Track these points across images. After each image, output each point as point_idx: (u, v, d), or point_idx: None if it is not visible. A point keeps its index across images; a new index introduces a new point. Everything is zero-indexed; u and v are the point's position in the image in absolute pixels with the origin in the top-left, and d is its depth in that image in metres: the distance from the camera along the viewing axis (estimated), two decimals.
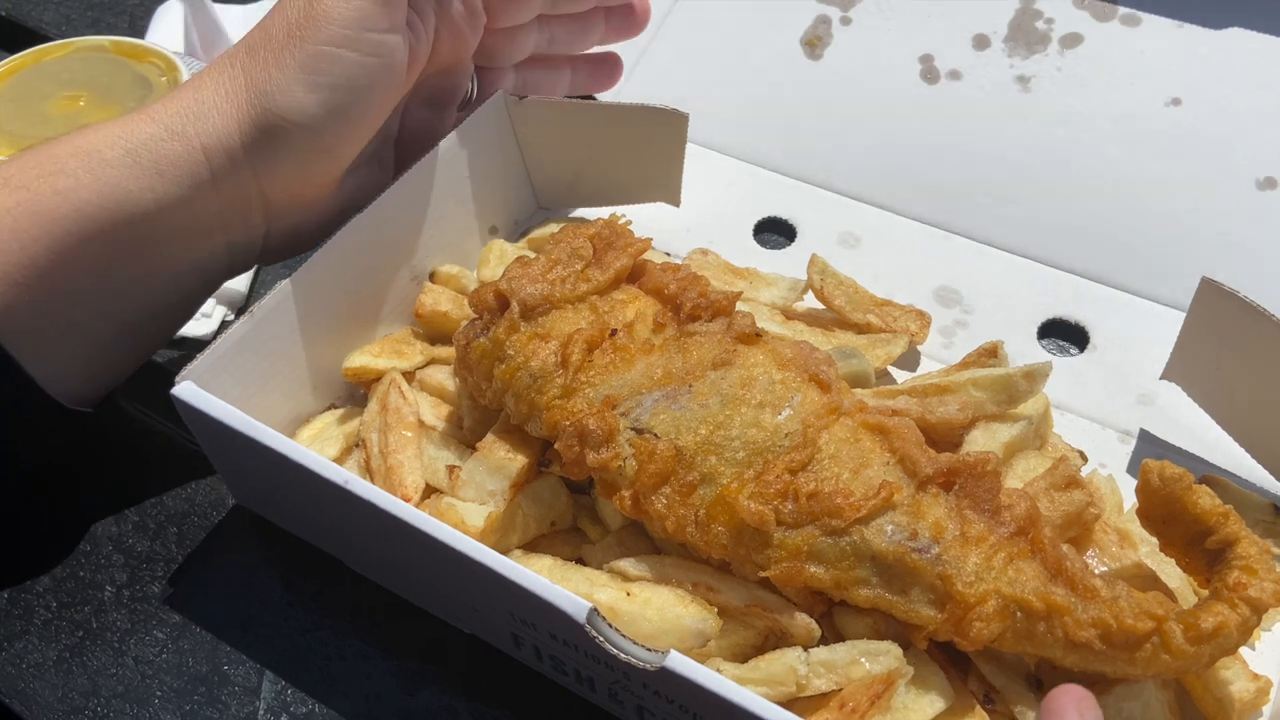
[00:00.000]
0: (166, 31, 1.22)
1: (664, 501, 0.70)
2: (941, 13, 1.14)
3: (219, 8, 1.26)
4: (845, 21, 1.14)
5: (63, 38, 1.12)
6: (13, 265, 0.72)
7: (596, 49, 1.07)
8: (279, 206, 0.82)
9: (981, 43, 1.09)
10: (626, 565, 0.71)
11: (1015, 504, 0.69)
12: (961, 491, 0.69)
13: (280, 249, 0.84)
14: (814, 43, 1.09)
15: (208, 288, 0.84)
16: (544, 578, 0.64)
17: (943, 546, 0.67)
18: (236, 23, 1.23)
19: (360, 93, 0.79)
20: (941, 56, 1.11)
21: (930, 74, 1.08)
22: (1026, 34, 1.09)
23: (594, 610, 0.63)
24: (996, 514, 0.68)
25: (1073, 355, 0.92)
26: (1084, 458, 0.82)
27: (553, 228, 0.98)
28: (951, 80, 1.09)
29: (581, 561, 0.76)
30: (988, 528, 0.68)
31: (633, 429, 0.72)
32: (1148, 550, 0.74)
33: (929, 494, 0.69)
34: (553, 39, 1.01)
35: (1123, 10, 1.11)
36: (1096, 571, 0.69)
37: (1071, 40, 1.09)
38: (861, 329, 0.90)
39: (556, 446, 0.73)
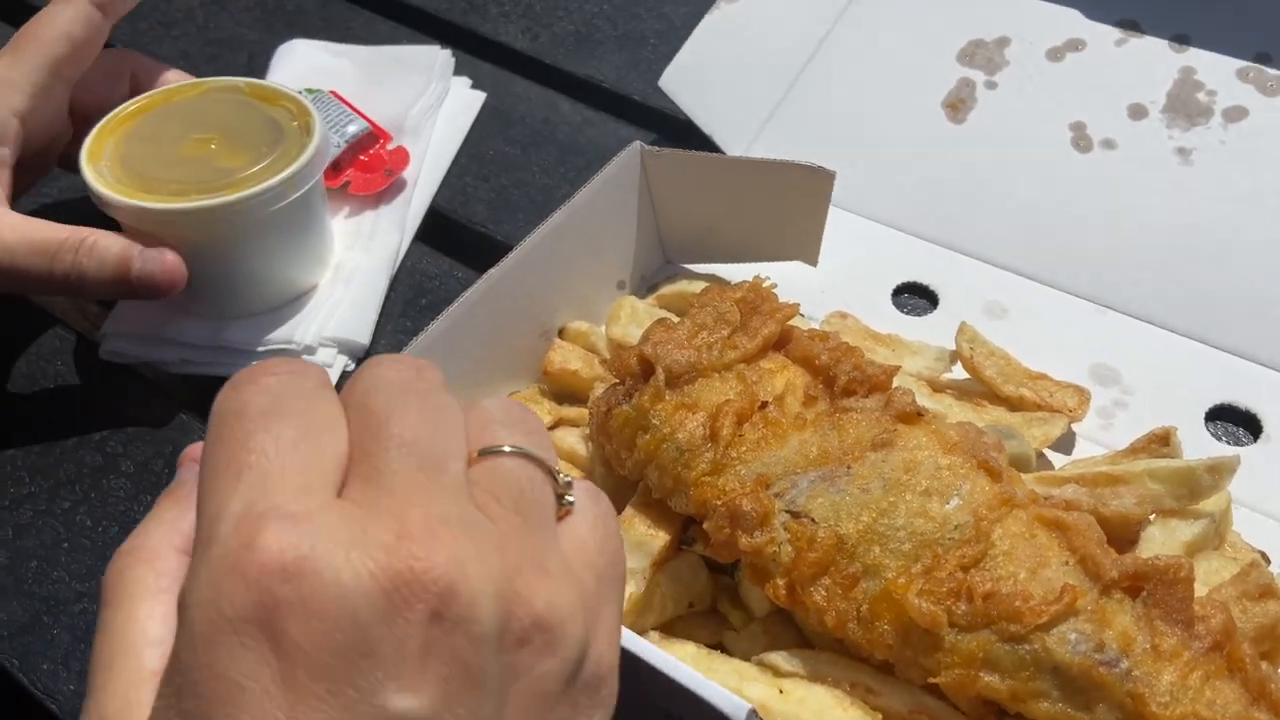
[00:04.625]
0: (288, 72, 1.21)
1: (823, 594, 0.65)
2: (1093, 82, 1.08)
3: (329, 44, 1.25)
4: (990, 85, 1.08)
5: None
6: None
7: None
8: None
9: (1138, 113, 1.04)
10: (778, 659, 0.67)
11: (1210, 615, 0.63)
12: (1150, 599, 0.63)
13: None
14: (956, 106, 1.04)
15: None
16: (691, 668, 0.60)
17: (1132, 660, 0.61)
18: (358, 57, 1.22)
19: None
20: (1094, 125, 1.05)
21: (1082, 142, 1.02)
22: (1186, 105, 1.03)
23: (753, 712, 0.58)
24: (1190, 626, 0.62)
25: (1245, 444, 0.85)
26: (1266, 559, 0.76)
27: (683, 284, 0.95)
28: (1105, 149, 1.03)
29: (723, 648, 0.71)
30: (1182, 641, 0.62)
31: (788, 511, 0.68)
32: None
33: (1114, 600, 0.63)
34: None
35: None
36: None
37: (1236, 114, 1.02)
38: (1014, 404, 0.84)
39: (705, 526, 0.69)
